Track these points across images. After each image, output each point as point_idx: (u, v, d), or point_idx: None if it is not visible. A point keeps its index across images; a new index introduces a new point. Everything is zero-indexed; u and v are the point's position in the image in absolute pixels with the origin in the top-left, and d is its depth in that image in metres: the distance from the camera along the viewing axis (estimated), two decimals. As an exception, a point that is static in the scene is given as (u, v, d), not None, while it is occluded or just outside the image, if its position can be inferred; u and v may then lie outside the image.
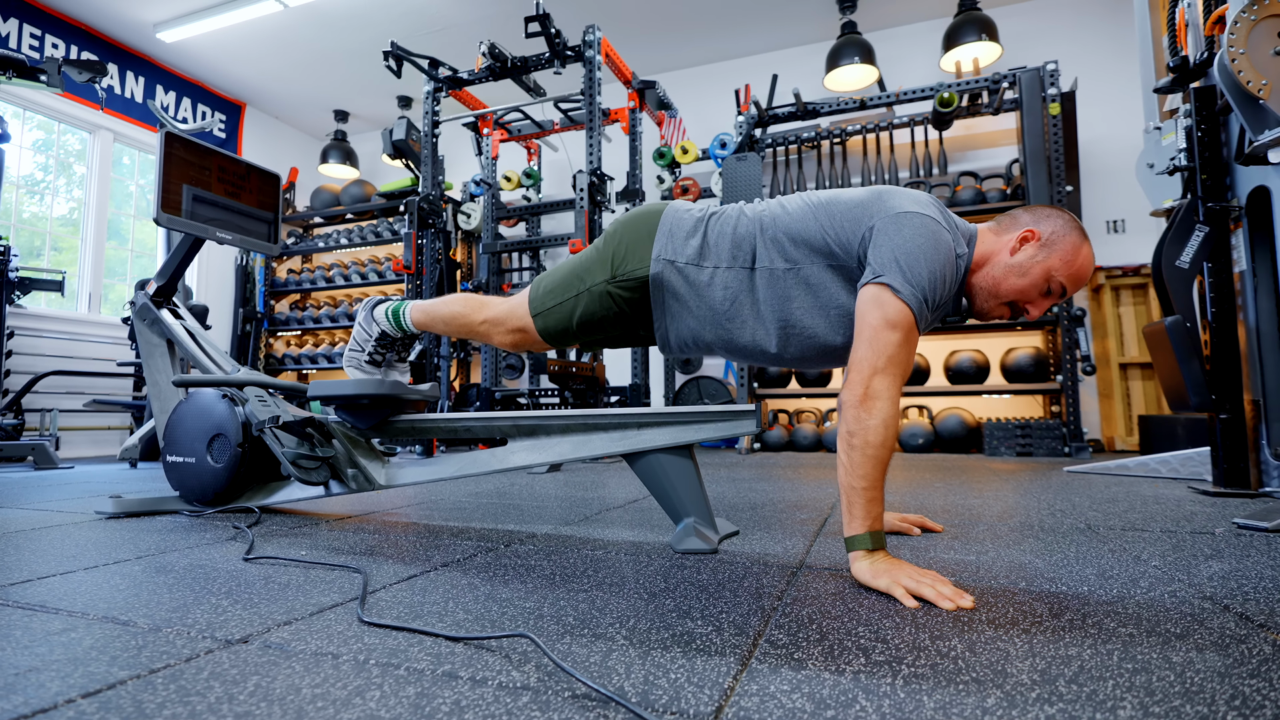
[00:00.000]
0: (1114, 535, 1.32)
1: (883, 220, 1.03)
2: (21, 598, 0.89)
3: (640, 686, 0.59)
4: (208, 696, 0.58)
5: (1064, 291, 1.08)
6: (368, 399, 1.47)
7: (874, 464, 0.94)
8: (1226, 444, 1.88)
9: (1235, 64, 1.60)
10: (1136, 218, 3.84)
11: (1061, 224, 1.07)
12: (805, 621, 0.78)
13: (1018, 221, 1.10)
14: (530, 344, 1.35)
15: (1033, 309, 1.10)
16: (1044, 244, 1.06)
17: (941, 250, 1.00)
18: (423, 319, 1.46)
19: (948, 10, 4.19)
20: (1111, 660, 0.66)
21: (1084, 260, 1.06)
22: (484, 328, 1.37)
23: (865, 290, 1.01)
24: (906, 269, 0.98)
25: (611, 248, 1.24)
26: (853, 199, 1.10)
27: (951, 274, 1.02)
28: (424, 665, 0.65)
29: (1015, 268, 1.07)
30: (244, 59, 4.83)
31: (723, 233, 1.18)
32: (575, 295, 1.26)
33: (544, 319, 1.29)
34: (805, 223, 1.11)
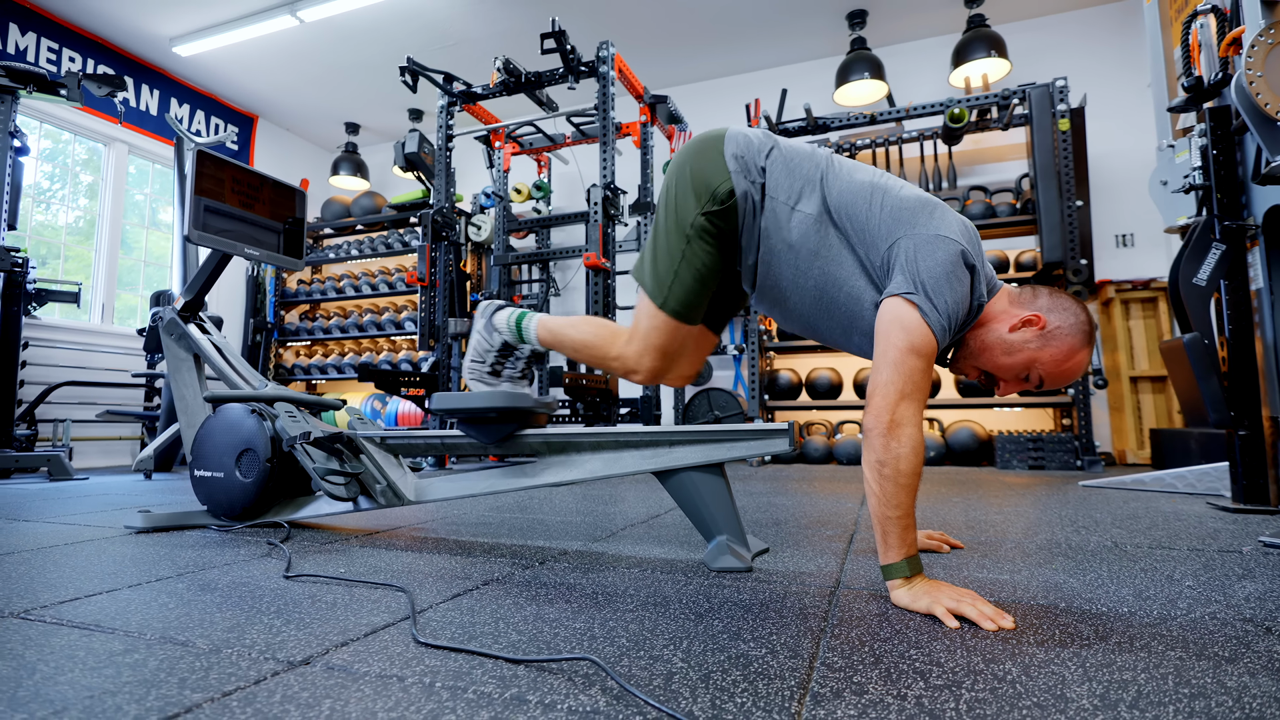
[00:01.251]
0: (1142, 554, 1.33)
1: (919, 237, 1.02)
2: (74, 617, 0.90)
3: (709, 711, 0.60)
4: (287, 720, 0.59)
5: (1040, 383, 1.09)
6: (496, 413, 1.38)
7: (905, 492, 0.96)
8: (1246, 460, 1.89)
9: (1253, 86, 1.63)
10: (1145, 232, 3.86)
11: (1072, 323, 1.06)
12: (856, 644, 0.79)
13: (1035, 301, 1.09)
14: (668, 352, 1.27)
15: (1003, 387, 1.11)
16: (1044, 334, 1.06)
17: (962, 286, 1.01)
18: (549, 339, 1.39)
19: (957, 26, 4.23)
20: (1167, 685, 0.67)
21: (1074, 364, 1.06)
22: (620, 364, 1.31)
23: (891, 303, 1.01)
24: (934, 294, 0.98)
25: (688, 179, 1.20)
26: (903, 199, 1.08)
27: (964, 314, 1.03)
28: (490, 689, 0.66)
29: (1006, 344, 1.07)
30: (258, 72, 4.87)
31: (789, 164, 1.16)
32: (686, 245, 1.19)
33: (672, 298, 1.21)
34: (857, 199, 1.10)
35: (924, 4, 4.09)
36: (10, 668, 0.71)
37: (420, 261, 3.67)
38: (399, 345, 5.29)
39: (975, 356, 1.12)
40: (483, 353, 1.46)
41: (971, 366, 1.13)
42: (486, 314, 1.47)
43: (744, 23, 4.29)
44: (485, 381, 1.46)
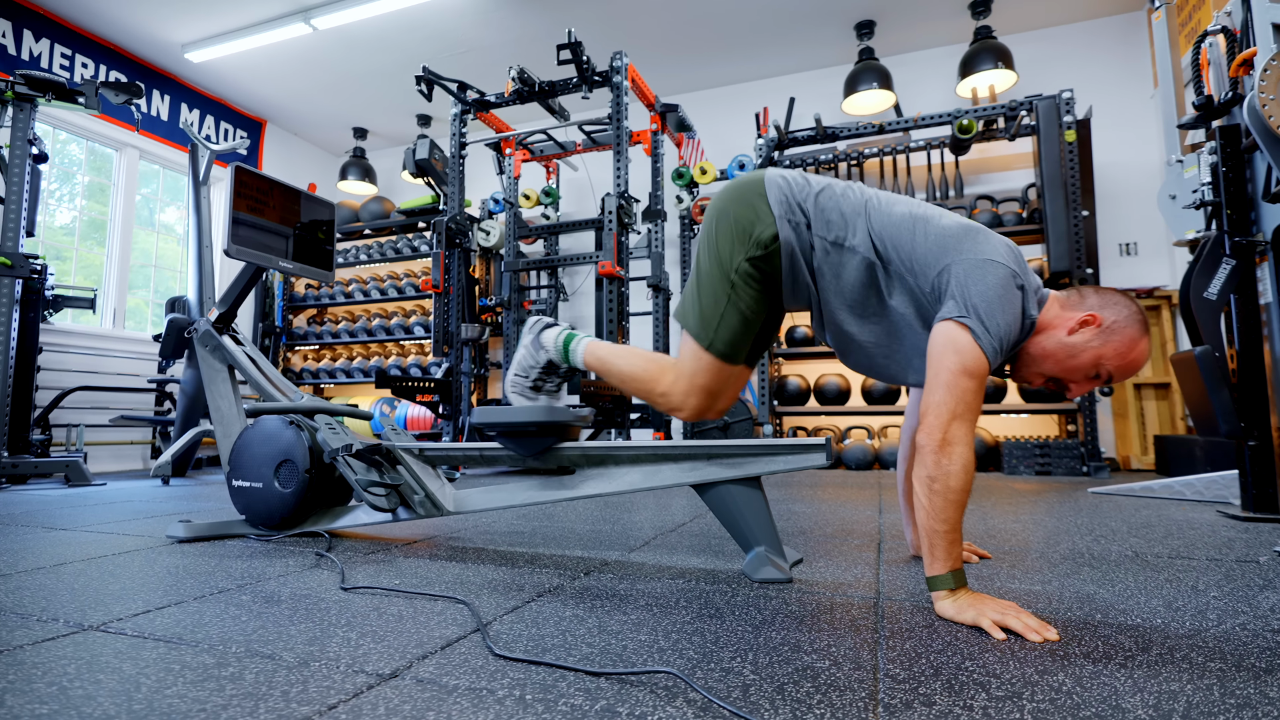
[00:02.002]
0: (1163, 564, 1.37)
1: (968, 262, 1.06)
2: (152, 629, 0.94)
3: (792, 722, 0.64)
4: (399, 732, 0.63)
5: (1109, 379, 1.12)
6: (536, 426, 1.42)
7: (954, 508, 1.00)
8: (1256, 470, 1.95)
9: (1266, 109, 1.68)
10: (1149, 241, 3.92)
11: (1125, 315, 1.09)
12: (912, 655, 0.83)
13: (1084, 301, 1.12)
14: (716, 394, 1.28)
15: (1074, 388, 1.13)
16: (1103, 330, 1.08)
17: (1013, 306, 1.04)
18: (596, 365, 1.40)
19: (964, 37, 4.29)
20: (1214, 695, 0.71)
21: (1138, 355, 1.09)
22: (664, 401, 1.31)
23: (944, 326, 1.04)
24: (986, 317, 1.02)
25: (730, 224, 1.23)
26: (945, 227, 1.12)
27: (1017, 333, 1.06)
28: (579, 700, 0.70)
29: (1068, 347, 1.10)
30: (268, 78, 4.90)
31: (830, 203, 1.19)
32: (729, 296, 1.22)
33: (719, 341, 1.23)
34: (899, 231, 1.14)
35: (931, 15, 4.14)
36: (116, 680, 0.75)
37: (434, 268, 3.70)
38: (407, 350, 5.32)
39: (1038, 364, 1.14)
40: (527, 369, 1.48)
41: (1036, 374, 1.15)
42: (535, 330, 1.49)
43: (753, 31, 4.34)
44: (526, 396, 1.49)
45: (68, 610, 1.03)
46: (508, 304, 4.49)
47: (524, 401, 1.49)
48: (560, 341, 1.44)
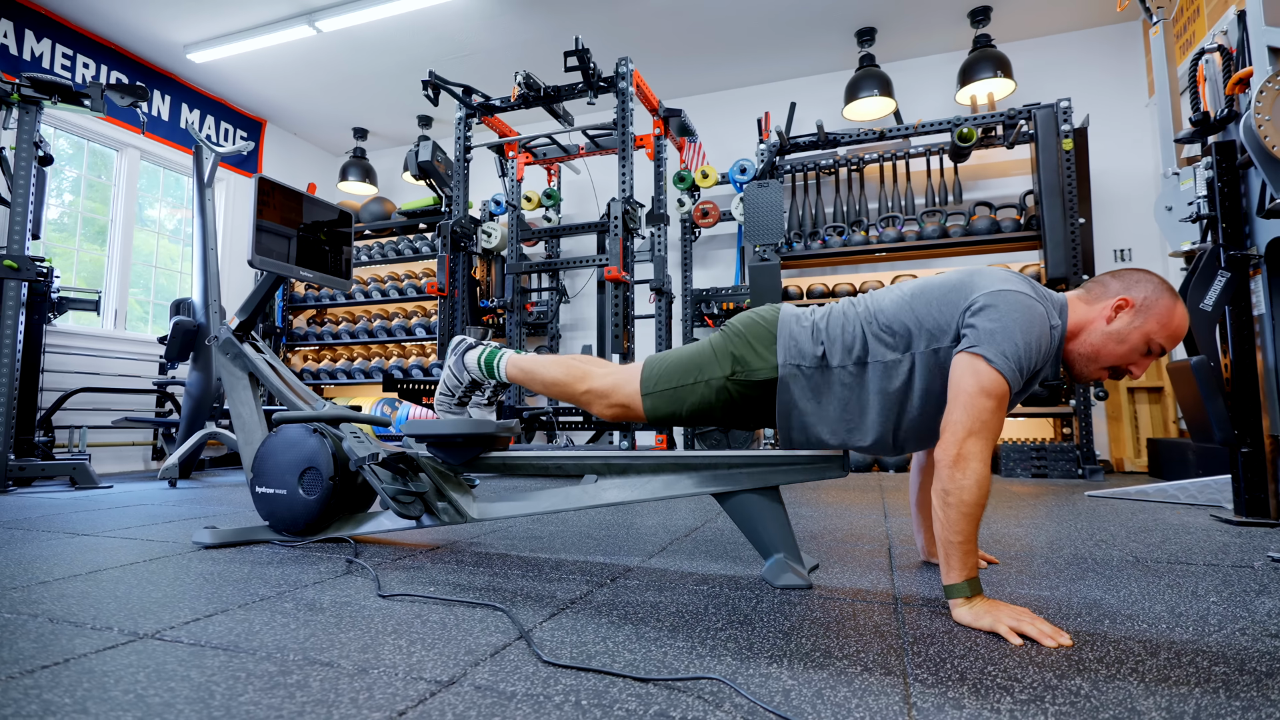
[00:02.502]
0: (1163, 569, 1.43)
1: (982, 296, 1.12)
2: (206, 638, 0.97)
3: (835, 725, 0.69)
4: (471, 737, 0.67)
5: (1163, 351, 1.15)
6: (461, 438, 1.56)
7: (968, 520, 1.05)
8: (1248, 476, 2.01)
9: (1261, 129, 1.74)
10: (1142, 247, 4.00)
11: (1153, 288, 1.13)
12: (937, 661, 0.88)
13: (1108, 289, 1.16)
14: (630, 418, 1.42)
15: (1135, 369, 1.16)
16: (1139, 309, 1.13)
17: (1036, 323, 1.09)
18: (519, 376, 1.52)
19: (963, 44, 4.35)
20: (1220, 699, 0.77)
21: (1180, 319, 1.12)
22: (586, 397, 1.43)
23: (961, 357, 1.10)
24: (1001, 340, 1.07)
25: (730, 348, 1.32)
26: (944, 284, 1.19)
27: (1046, 345, 1.11)
28: (633, 705, 0.74)
29: (1114, 335, 1.14)
30: (269, 78, 4.90)
31: (834, 333, 1.25)
32: (691, 384, 1.33)
33: (653, 400, 1.36)
34: (900, 313, 1.20)
35: (931, 23, 4.20)
36: (188, 688, 0.79)
37: (439, 271, 3.73)
38: (408, 351, 5.34)
39: (1093, 361, 1.17)
40: (452, 388, 1.61)
41: (1096, 370, 1.18)
42: (458, 352, 1.60)
43: (755, 36, 4.39)
44: (453, 411, 1.62)
45: (118, 618, 1.06)
46: (511, 306, 4.52)
47: (451, 417, 1.62)
48: (483, 360, 1.56)
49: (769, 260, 3.92)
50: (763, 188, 4.00)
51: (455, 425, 1.55)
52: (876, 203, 4.43)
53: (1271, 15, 1.80)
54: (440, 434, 1.57)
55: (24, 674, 0.83)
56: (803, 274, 4.66)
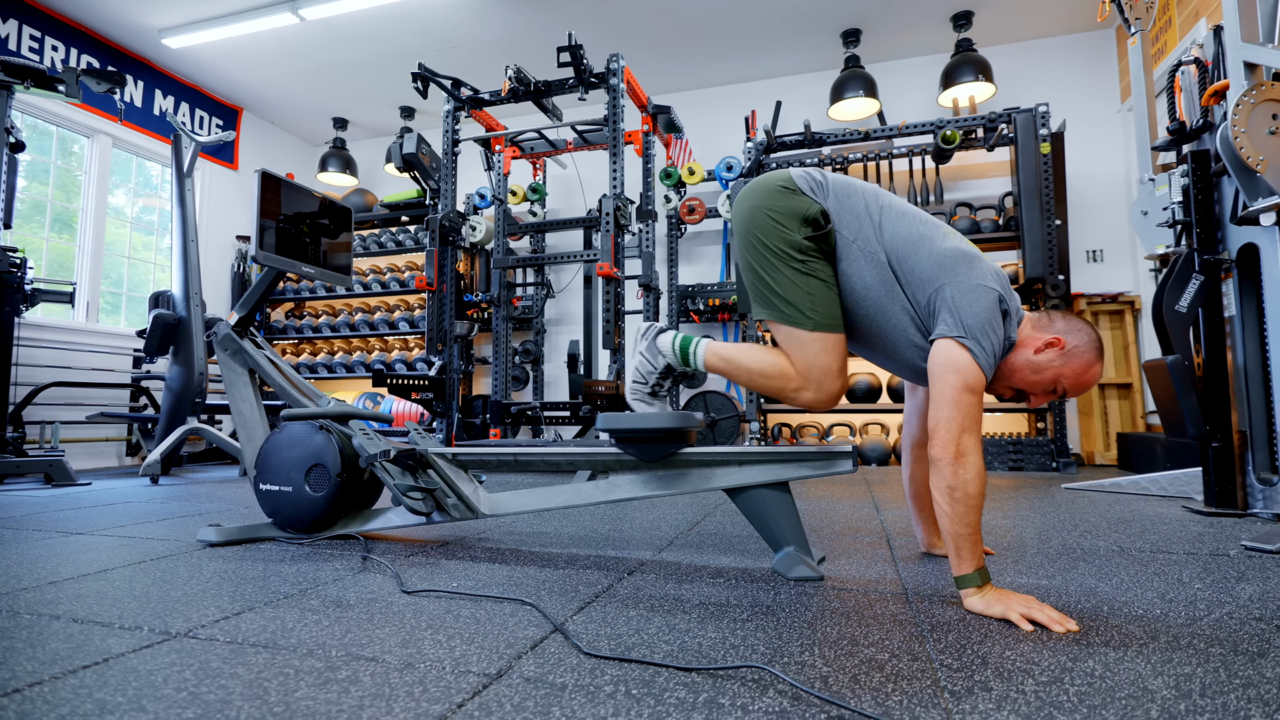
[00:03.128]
0: (1147, 558, 1.51)
1: (962, 285, 1.17)
2: (243, 636, 0.98)
3: (877, 708, 0.73)
4: (535, 726, 0.70)
5: (1064, 396, 1.25)
6: (662, 433, 1.44)
7: (974, 511, 1.10)
8: (1218, 469, 2.12)
9: (1237, 140, 1.83)
10: (1113, 248, 4.15)
11: (1085, 341, 1.21)
12: (957, 647, 0.93)
13: (1053, 325, 1.24)
14: (841, 368, 1.29)
15: (1035, 400, 1.26)
16: (1065, 353, 1.20)
17: (997, 331, 1.16)
18: (720, 365, 1.42)
19: (945, 46, 4.44)
20: (1221, 677, 0.83)
21: (1090, 378, 1.22)
22: (798, 393, 1.32)
23: (943, 345, 1.15)
24: (982, 337, 1.13)
25: (773, 217, 1.29)
26: (944, 249, 1.22)
27: (1000, 350, 1.17)
28: (684, 694, 0.77)
29: (1032, 364, 1.22)
30: (247, 65, 4.79)
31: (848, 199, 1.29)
32: (805, 272, 1.26)
33: (819, 316, 1.26)
34: (912, 248, 1.24)
35: (915, 25, 4.28)
36: (240, 685, 0.80)
37: (428, 265, 3.70)
38: (390, 345, 5.29)
39: (1008, 378, 1.25)
40: (646, 374, 1.49)
41: (1005, 387, 1.27)
42: (649, 336, 1.50)
43: (742, 34, 4.43)
44: (646, 402, 1.51)
45: (144, 618, 1.06)
46: (497, 301, 4.50)
47: (644, 407, 1.51)
48: (677, 345, 1.45)
49: (756, 257, 3.97)
50: (750, 185, 4.05)
51: (657, 419, 1.42)
52: (860, 202, 4.51)
53: (1248, 31, 1.89)
54: (640, 429, 1.44)
55: (67, 674, 0.83)
56: (787, 271, 4.72)
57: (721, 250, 4.93)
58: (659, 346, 1.48)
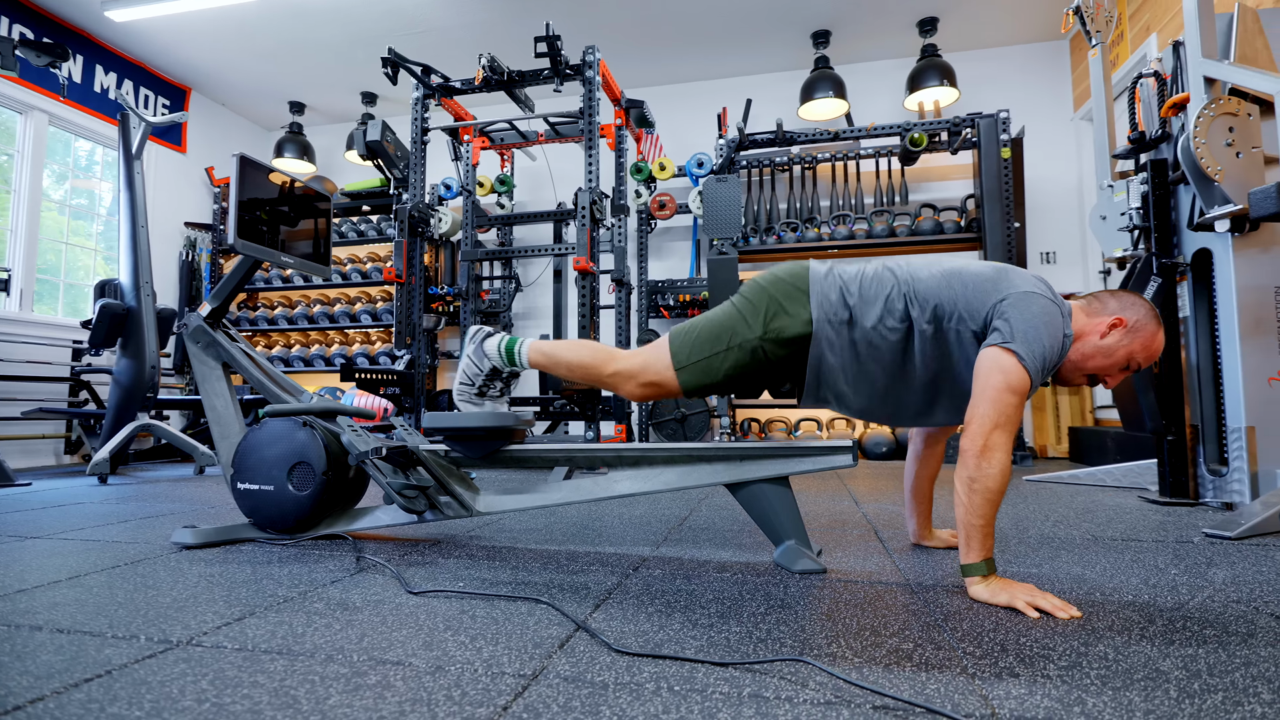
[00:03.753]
0: (1121, 545, 1.59)
1: (1014, 295, 1.20)
2: (253, 643, 0.94)
3: (917, 695, 0.75)
4: (589, 726, 0.69)
5: (1140, 368, 1.29)
6: (483, 431, 1.53)
7: (990, 506, 1.14)
8: (1173, 461, 2.25)
9: (1198, 151, 1.94)
10: (1065, 251, 4.34)
11: (1144, 313, 1.26)
12: (975, 635, 0.96)
13: (1106, 307, 1.28)
14: (663, 395, 1.42)
15: (1110, 381, 1.30)
16: (1130, 330, 1.25)
17: (1055, 330, 1.19)
18: (543, 361, 1.51)
19: (912, 51, 4.56)
20: (1222, 657, 0.88)
21: (1158, 345, 1.27)
22: (613, 380, 1.43)
23: (991, 351, 1.17)
24: (1031, 341, 1.16)
25: (763, 305, 1.34)
26: (980, 273, 1.26)
27: (1060, 351, 1.21)
28: (727, 689, 0.78)
29: (1103, 349, 1.26)
30: (197, 43, 4.56)
31: (869, 295, 1.30)
32: (725, 350, 1.34)
33: (688, 373, 1.37)
34: (939, 289, 1.26)
35: (883, 29, 4.38)
36: (265, 694, 0.76)
37: (396, 257, 3.60)
38: (351, 338, 5.14)
39: (1080, 366, 1.28)
40: (472, 376, 1.57)
41: (1080, 376, 1.30)
42: (476, 340, 1.58)
43: (716, 32, 4.44)
44: (473, 402, 1.58)
45: (138, 626, 1.01)
46: (465, 294, 4.42)
47: (470, 408, 1.58)
48: (503, 347, 1.54)
49: (727, 254, 4.01)
50: (722, 182, 4.08)
51: (477, 418, 1.51)
52: (828, 200, 4.60)
53: (1207, 48, 2.00)
54: (461, 427, 1.52)
55: (70, 688, 0.78)
56: (758, 268, 4.78)
57: (691, 246, 4.96)
58: (485, 350, 1.55)
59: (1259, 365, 2.03)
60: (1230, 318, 2.07)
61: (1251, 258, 2.05)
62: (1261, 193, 1.77)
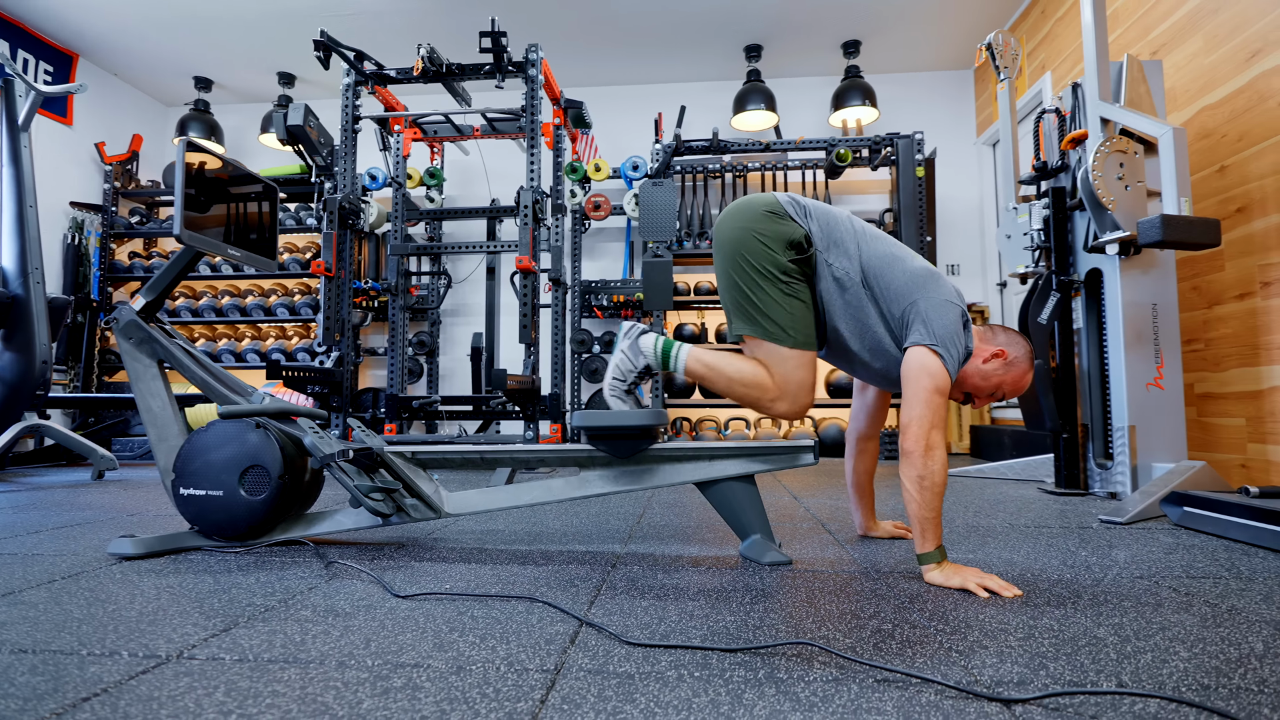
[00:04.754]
0: (1034, 532, 1.79)
1: (937, 301, 1.34)
2: (253, 653, 0.91)
3: (911, 667, 0.84)
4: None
5: (1004, 398, 1.47)
6: (638, 430, 1.49)
7: (938, 498, 1.27)
8: (1067, 456, 2.53)
9: (1095, 183, 2.20)
10: (968, 263, 4.74)
11: (1023, 353, 1.43)
12: (939, 614, 1.08)
13: (996, 338, 1.44)
14: (812, 383, 1.43)
15: (979, 402, 1.48)
16: (1008, 363, 1.42)
17: (961, 342, 1.34)
18: (702, 370, 1.48)
19: (837, 70, 4.82)
20: (1142, 624, 1.03)
21: (1025, 383, 1.44)
22: (773, 404, 1.43)
23: (917, 352, 1.31)
24: (949, 346, 1.31)
25: (759, 239, 1.40)
26: (914, 268, 1.39)
27: (960, 362, 1.36)
28: (742, 674, 0.84)
29: (982, 372, 1.42)
30: (88, 7, 4.15)
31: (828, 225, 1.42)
32: (786, 292, 1.39)
33: (798, 334, 1.39)
34: (886, 266, 1.39)
35: (811, 47, 4.61)
36: (290, 702, 0.75)
37: (325, 250, 3.44)
38: (265, 333, 4.85)
39: (961, 384, 1.45)
40: (626, 373, 1.53)
41: (957, 391, 1.47)
42: (632, 336, 1.55)
43: (654, 38, 4.52)
44: (622, 399, 1.54)
45: (113, 642, 0.95)
46: (395, 290, 4.27)
47: (619, 404, 1.54)
48: (659, 348, 1.51)
49: (662, 256, 4.10)
50: (658, 186, 4.16)
51: (636, 417, 1.48)
52: (757, 208, 4.79)
53: (1103, 92, 2.27)
54: (618, 425, 1.49)
55: (69, 708, 0.74)
56: (689, 271, 4.91)
57: (625, 247, 5.02)
58: (641, 347, 1.53)
59: (1140, 372, 2.32)
60: (1116, 330, 2.36)
61: (1135, 278, 2.34)
62: (1148, 222, 2.03)
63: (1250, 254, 2.43)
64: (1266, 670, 0.85)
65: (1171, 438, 2.31)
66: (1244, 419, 2.45)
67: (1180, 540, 1.70)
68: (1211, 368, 2.61)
